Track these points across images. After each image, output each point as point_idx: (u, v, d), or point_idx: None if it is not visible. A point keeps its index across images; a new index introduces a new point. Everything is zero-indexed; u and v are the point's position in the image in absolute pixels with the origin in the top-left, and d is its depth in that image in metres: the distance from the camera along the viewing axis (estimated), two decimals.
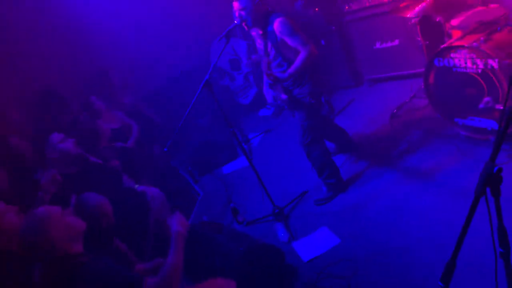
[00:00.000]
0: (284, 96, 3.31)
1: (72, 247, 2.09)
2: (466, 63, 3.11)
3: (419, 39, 3.83)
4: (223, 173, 4.74)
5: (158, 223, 3.09)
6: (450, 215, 2.83)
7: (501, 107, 2.98)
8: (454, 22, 3.57)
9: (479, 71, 3.06)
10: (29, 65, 4.65)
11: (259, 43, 3.36)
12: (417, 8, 3.45)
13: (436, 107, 3.52)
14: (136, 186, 3.46)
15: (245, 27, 3.20)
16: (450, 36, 3.59)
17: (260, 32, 3.24)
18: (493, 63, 2.95)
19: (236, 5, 3.12)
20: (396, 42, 4.52)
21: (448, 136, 3.54)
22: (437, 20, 3.71)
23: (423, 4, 3.44)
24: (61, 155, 3.41)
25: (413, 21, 3.75)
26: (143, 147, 4.60)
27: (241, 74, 5.81)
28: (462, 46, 3.07)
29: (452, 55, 3.18)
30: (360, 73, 5.06)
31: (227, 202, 4.08)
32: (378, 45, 4.68)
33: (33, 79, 4.67)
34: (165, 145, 3.32)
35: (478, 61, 3.03)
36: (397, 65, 4.64)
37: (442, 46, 3.26)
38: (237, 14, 3.15)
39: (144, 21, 5.40)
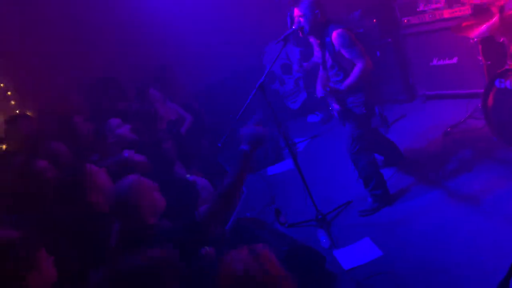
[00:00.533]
0: (336, 107, 3.38)
1: (150, 219, 2.23)
2: None
3: (480, 58, 3.76)
4: (268, 174, 4.85)
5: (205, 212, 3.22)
6: (499, 241, 2.76)
7: None
8: None
9: None
10: (94, 57, 5.02)
11: (317, 51, 3.45)
12: (481, 28, 3.39)
13: (494, 129, 3.45)
14: (188, 175, 3.62)
15: (301, 34, 3.30)
16: None
17: (318, 41, 3.33)
18: None
19: (296, 11, 3.24)
20: (455, 60, 4.44)
21: (503, 161, 3.45)
22: (501, 40, 3.62)
23: (488, 24, 3.37)
24: (118, 139, 3.62)
25: (475, 39, 3.68)
26: (193, 139, 4.77)
27: (292, 79, 5.91)
28: None
29: None
30: (413, 88, 5.00)
31: (270, 202, 4.18)
32: (435, 62, 4.62)
33: (96, 68, 5.03)
34: (214, 140, 3.45)
35: None
36: (453, 84, 4.56)
37: (506, 67, 3.20)
38: (296, 20, 3.26)
39: (202, 21, 5.63)
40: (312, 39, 3.46)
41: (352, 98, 3.33)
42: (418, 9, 4.57)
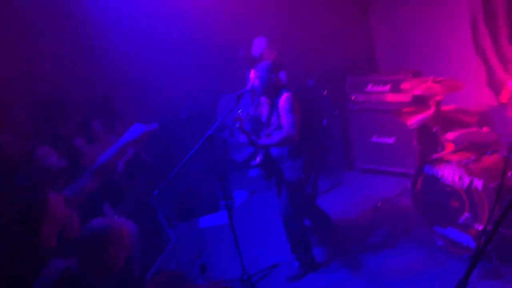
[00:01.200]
0: (258, 159, 3.46)
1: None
2: (453, 177, 3.28)
3: (414, 143, 4.05)
4: (200, 225, 4.71)
5: (126, 260, 3.02)
6: None
7: (479, 226, 3.11)
8: (449, 136, 3.78)
9: (464, 187, 3.22)
10: (40, 73, 4.76)
11: (265, 110, 3.52)
12: (417, 117, 3.68)
13: (419, 211, 3.64)
14: (115, 217, 3.41)
15: (254, 93, 3.46)
16: (443, 148, 3.79)
17: (269, 101, 3.43)
18: (478, 184, 3.11)
19: (253, 72, 3.36)
20: (392, 140, 4.76)
21: (425, 242, 3.61)
22: (434, 130, 3.95)
23: (424, 114, 3.67)
24: (44, 169, 3.39)
25: (413, 127, 3.99)
26: (126, 177, 4.58)
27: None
28: (453, 161, 3.25)
29: (442, 166, 3.35)
30: (352, 159, 5.24)
31: (198, 256, 4.01)
32: (374, 138, 4.91)
33: (41, 85, 4.75)
34: (151, 182, 3.34)
35: (465, 178, 3.19)
36: (389, 161, 4.85)
37: (435, 156, 3.45)
38: (251, 80, 3.38)
39: (163, 53, 5.45)
40: (263, 99, 3.56)
41: (291, 162, 3.40)
42: (365, 89, 4.93)
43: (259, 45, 4.90)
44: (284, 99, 3.26)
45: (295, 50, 5.08)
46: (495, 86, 4.73)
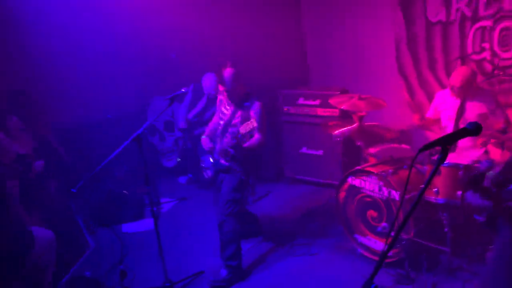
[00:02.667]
0: (225, 163, 3.54)
1: None
2: (374, 188, 3.48)
3: (339, 155, 4.25)
4: (123, 231, 4.50)
5: (36, 268, 2.79)
6: None
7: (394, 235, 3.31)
8: (372, 150, 4.03)
9: (384, 198, 3.43)
10: None
11: (227, 109, 3.63)
12: (343, 130, 3.88)
13: (341, 219, 3.80)
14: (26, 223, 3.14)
15: (226, 94, 3.63)
16: (366, 161, 4.02)
17: (233, 104, 3.59)
18: (395, 195, 3.33)
19: (225, 73, 3.53)
20: (320, 152, 4.95)
21: (347, 250, 3.78)
22: (358, 144, 4.18)
23: (349, 128, 3.87)
24: None
25: (338, 139, 4.19)
26: (42, 179, 4.25)
27: (172, 137, 5.85)
28: (373, 173, 3.46)
29: (364, 177, 3.55)
30: (282, 169, 5.36)
31: (118, 262, 3.81)
32: (304, 150, 5.08)
33: None
34: (69, 183, 3.14)
35: (384, 189, 3.41)
36: (317, 172, 5.03)
37: (357, 167, 3.64)
38: (227, 81, 3.52)
39: (87, 53, 5.19)
40: (223, 97, 3.68)
41: (234, 164, 3.51)
42: (297, 102, 5.09)
43: (210, 81, 4.90)
44: (258, 106, 3.52)
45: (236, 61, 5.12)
46: (415, 106, 5.14)
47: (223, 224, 3.49)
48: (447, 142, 1.50)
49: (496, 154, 3.55)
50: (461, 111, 3.71)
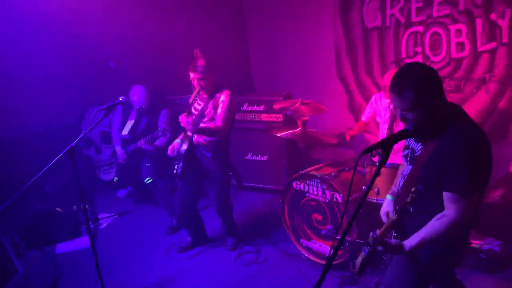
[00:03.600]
0: (183, 149, 3.52)
1: None
2: (318, 191, 3.48)
3: (284, 160, 4.23)
4: (56, 252, 4.15)
5: None
6: None
7: (338, 237, 3.32)
8: (315, 154, 4.07)
9: (327, 201, 3.44)
10: None
11: (199, 104, 3.61)
12: (288, 133, 3.86)
13: (287, 224, 3.77)
14: None
15: (203, 93, 3.56)
16: (310, 165, 4.03)
17: (206, 96, 3.56)
18: (338, 197, 3.35)
19: (192, 74, 3.43)
20: (265, 158, 4.91)
21: (292, 255, 3.75)
22: (301, 148, 4.20)
23: (293, 132, 3.86)
24: None
25: (282, 143, 4.18)
26: None
27: (110, 149, 5.53)
28: (317, 176, 3.46)
29: (308, 181, 3.54)
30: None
31: (51, 286, 3.50)
32: (249, 156, 5.02)
33: None
34: None
35: (327, 192, 3.42)
36: (262, 178, 4.98)
37: (301, 172, 3.63)
38: (195, 83, 3.43)
39: (20, 58, 4.82)
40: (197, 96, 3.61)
41: (216, 161, 3.64)
42: (242, 108, 5.02)
43: (138, 93, 4.64)
44: (226, 95, 3.48)
45: (173, 64, 4.95)
46: (354, 110, 5.28)
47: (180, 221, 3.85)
48: (388, 144, 1.49)
49: None
50: (395, 113, 3.83)
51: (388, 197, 2.29)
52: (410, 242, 1.89)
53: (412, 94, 1.78)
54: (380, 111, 4.00)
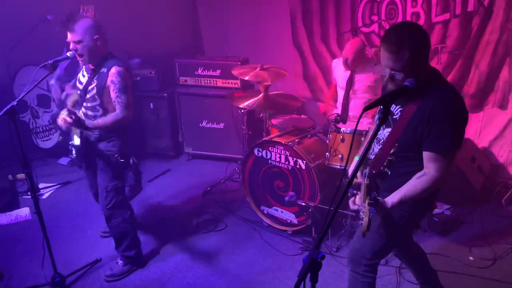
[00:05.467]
0: (78, 143, 2.93)
1: None
2: (280, 158, 3.44)
3: (244, 127, 4.12)
4: None
5: None
6: None
7: (301, 203, 3.33)
8: (274, 121, 4.00)
9: (289, 168, 3.42)
10: None
11: (83, 76, 2.95)
12: (250, 102, 3.73)
13: (248, 192, 3.71)
14: None
15: (81, 62, 2.85)
16: (268, 132, 3.97)
17: (92, 67, 2.88)
18: (301, 163, 3.34)
19: (70, 35, 2.74)
20: (221, 125, 4.76)
21: (253, 222, 3.72)
22: (261, 115, 4.11)
23: (255, 99, 3.75)
24: None
25: (242, 111, 4.05)
26: None
27: (49, 113, 5.05)
28: (280, 143, 3.40)
29: (270, 148, 3.48)
30: (181, 145, 5.05)
31: None
32: (204, 124, 4.83)
33: None
34: None
35: (290, 159, 3.39)
36: (217, 147, 4.84)
37: (264, 139, 3.56)
38: (71, 46, 2.77)
39: None
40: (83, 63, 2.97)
41: (105, 144, 2.92)
42: (196, 72, 4.78)
43: None
44: (116, 73, 2.76)
45: (116, 25, 4.50)
46: (309, 78, 5.26)
47: (110, 218, 3.03)
48: (389, 101, 1.44)
49: None
50: (350, 82, 3.86)
51: (357, 158, 2.28)
52: (391, 199, 1.92)
53: (408, 54, 1.76)
54: (338, 77, 4.00)
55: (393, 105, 2.07)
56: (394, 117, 2.04)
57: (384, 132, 2.10)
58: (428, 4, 4.13)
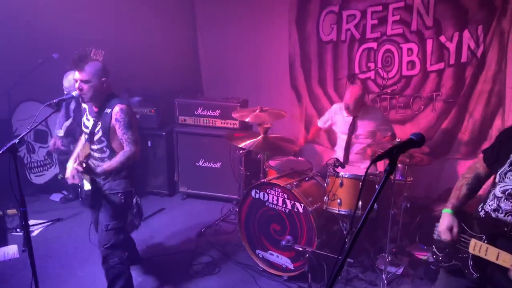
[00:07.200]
0: (88, 188, 2.88)
1: None
2: (278, 200, 3.41)
3: (241, 168, 4.11)
4: None
5: None
6: None
7: (299, 248, 3.27)
8: (272, 162, 4.01)
9: (287, 211, 3.38)
10: None
11: (88, 120, 2.97)
12: (249, 143, 3.75)
13: (243, 234, 3.65)
14: None
15: (81, 100, 2.87)
16: (265, 173, 3.97)
17: (96, 109, 2.92)
18: (299, 207, 3.31)
19: (79, 74, 2.77)
20: (218, 165, 4.76)
21: (248, 266, 3.63)
22: (258, 156, 4.12)
23: (255, 140, 3.77)
24: None
25: (240, 151, 4.06)
26: None
27: (45, 149, 5.03)
28: (279, 185, 3.39)
29: (268, 190, 3.46)
30: (176, 183, 5.01)
31: None
32: (200, 163, 4.82)
33: None
34: None
35: (288, 202, 3.36)
36: (213, 186, 4.81)
37: (263, 180, 3.54)
38: (77, 85, 2.80)
39: None
40: (88, 106, 3.01)
41: (109, 185, 2.91)
42: (195, 112, 4.84)
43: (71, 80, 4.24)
44: (120, 111, 2.79)
45: (117, 64, 4.58)
46: (306, 120, 5.33)
47: (106, 257, 2.95)
48: (396, 153, 1.44)
49: (380, 165, 3.85)
50: (353, 127, 3.94)
51: (447, 210, 2.14)
52: None
53: None
54: (339, 122, 4.06)
55: None
56: None
57: None
58: (423, 53, 4.28)
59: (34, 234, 4.18)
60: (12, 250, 3.85)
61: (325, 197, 3.35)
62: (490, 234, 1.91)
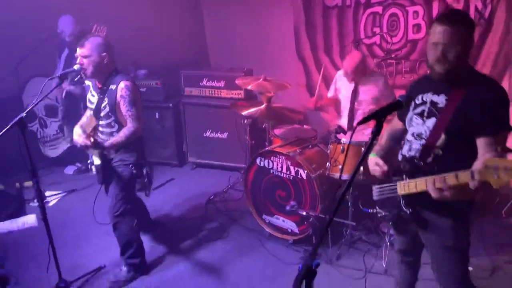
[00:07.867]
0: (98, 162, 2.97)
1: None
2: (282, 168, 3.49)
3: (247, 137, 4.18)
4: None
5: None
6: None
7: (302, 212, 3.37)
8: (277, 131, 4.06)
9: (291, 177, 3.46)
10: None
11: (93, 95, 3.05)
12: (251, 110, 3.80)
13: (250, 201, 3.76)
14: None
15: (82, 76, 2.94)
16: (271, 142, 4.03)
17: (99, 86, 2.99)
18: (302, 173, 3.38)
19: (79, 50, 2.85)
20: (225, 135, 4.84)
21: (255, 231, 3.76)
22: (264, 126, 4.17)
23: (258, 109, 3.82)
24: None
25: (246, 121, 4.11)
26: None
27: (56, 123, 5.16)
28: (282, 153, 3.46)
29: (272, 158, 3.53)
30: (185, 154, 5.13)
31: None
32: (208, 133, 4.91)
33: None
34: None
35: (292, 169, 3.43)
36: (221, 156, 4.91)
37: (267, 148, 3.61)
38: (79, 60, 2.87)
39: None
40: (92, 81, 3.09)
41: (120, 156, 3.02)
42: (201, 83, 4.88)
43: (66, 24, 4.31)
44: (125, 87, 2.87)
45: (123, 38, 4.61)
46: (312, 89, 5.33)
47: (117, 225, 3.10)
48: (382, 115, 1.48)
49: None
50: (355, 94, 3.92)
51: (372, 154, 2.27)
52: None
53: (463, 28, 1.85)
54: (342, 89, 4.06)
55: (432, 95, 2.03)
56: (439, 106, 2.00)
57: (426, 125, 2.04)
58: (429, 16, 4.20)
59: (50, 204, 4.37)
60: (31, 219, 4.05)
61: (327, 164, 3.41)
62: (409, 172, 2.07)
